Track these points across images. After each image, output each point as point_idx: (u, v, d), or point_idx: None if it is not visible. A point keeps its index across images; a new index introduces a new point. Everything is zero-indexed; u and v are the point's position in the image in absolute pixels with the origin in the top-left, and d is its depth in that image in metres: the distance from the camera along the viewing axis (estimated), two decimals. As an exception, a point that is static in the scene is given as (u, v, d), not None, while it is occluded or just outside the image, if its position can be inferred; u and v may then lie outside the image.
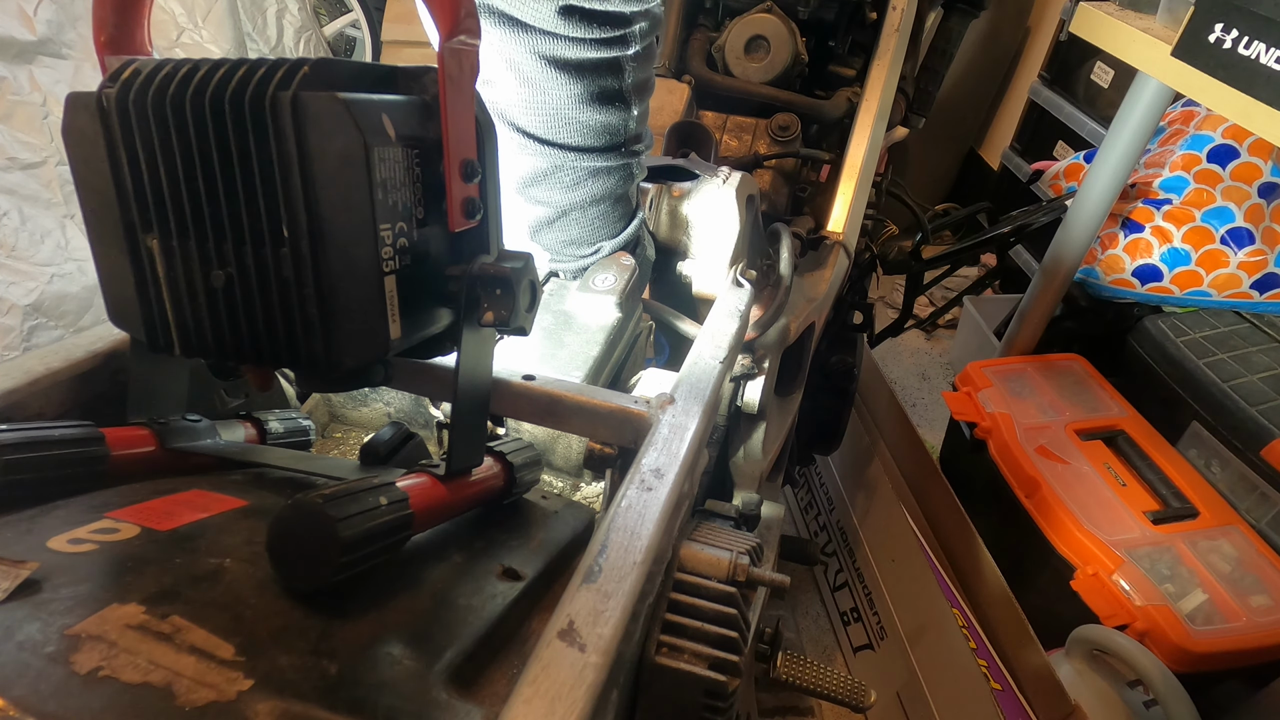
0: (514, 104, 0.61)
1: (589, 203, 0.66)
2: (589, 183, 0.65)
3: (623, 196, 0.68)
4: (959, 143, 2.95)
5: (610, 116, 0.62)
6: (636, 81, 0.63)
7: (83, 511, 0.35)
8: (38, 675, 0.25)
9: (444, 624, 0.34)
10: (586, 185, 0.65)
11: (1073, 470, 1.33)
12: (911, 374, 2.34)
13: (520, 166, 0.65)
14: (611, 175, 0.65)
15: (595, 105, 0.61)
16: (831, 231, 1.00)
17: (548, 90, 0.59)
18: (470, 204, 0.38)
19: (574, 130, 0.61)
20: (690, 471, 0.42)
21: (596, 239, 0.69)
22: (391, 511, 0.33)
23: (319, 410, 0.64)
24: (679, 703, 0.37)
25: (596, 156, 0.63)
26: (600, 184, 0.65)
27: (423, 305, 0.37)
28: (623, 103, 0.62)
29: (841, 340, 1.16)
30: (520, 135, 0.62)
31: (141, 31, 0.37)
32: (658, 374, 0.62)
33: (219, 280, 0.33)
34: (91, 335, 0.46)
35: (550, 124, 0.61)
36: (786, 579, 0.42)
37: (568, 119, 0.61)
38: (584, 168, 0.64)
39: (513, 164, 0.65)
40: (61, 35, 1.51)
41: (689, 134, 0.94)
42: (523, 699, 0.27)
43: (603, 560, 0.33)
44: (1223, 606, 1.11)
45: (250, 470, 0.45)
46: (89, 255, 0.35)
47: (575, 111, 0.60)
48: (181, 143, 0.32)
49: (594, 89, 0.60)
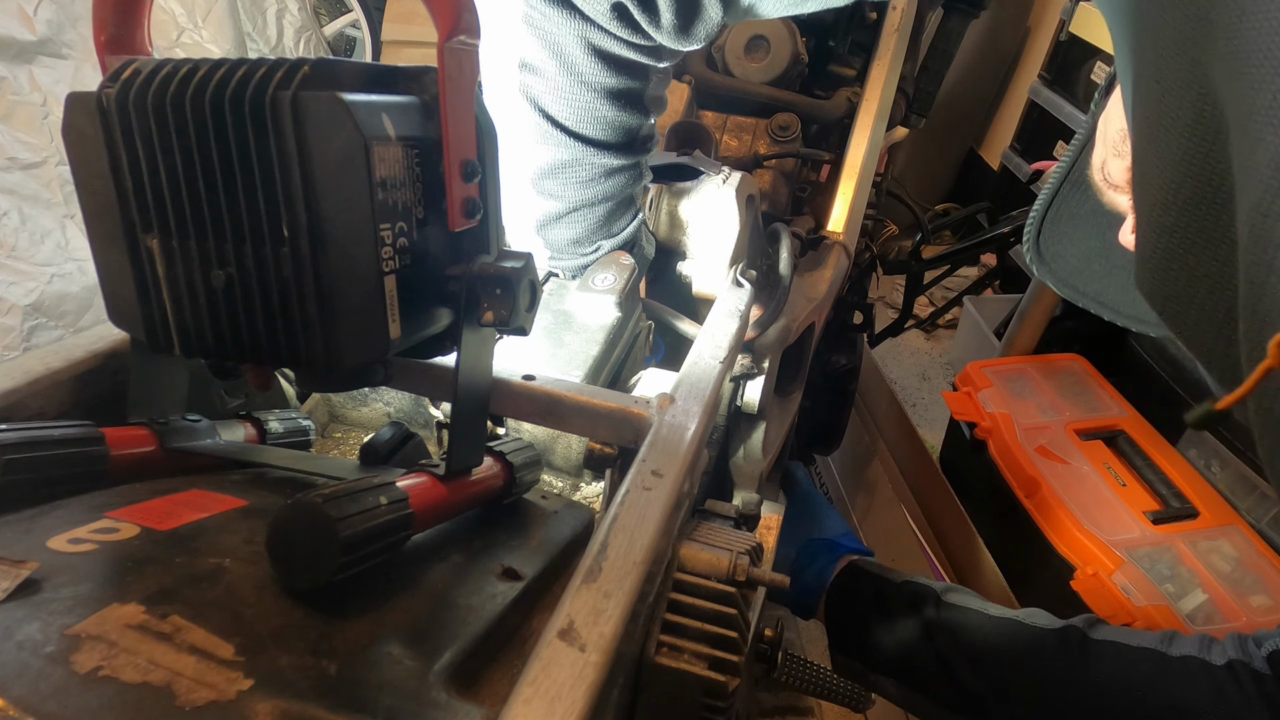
0: (549, 90, 0.64)
1: (599, 200, 0.69)
2: (603, 181, 0.68)
3: (629, 199, 0.71)
4: (959, 143, 2.95)
5: (630, 118, 0.66)
6: (653, 94, 0.68)
7: (83, 511, 0.35)
8: (38, 675, 0.25)
9: (444, 624, 0.34)
10: (600, 183, 0.68)
11: (1073, 470, 1.33)
12: (911, 374, 2.34)
13: (539, 157, 0.68)
14: (623, 175, 0.69)
15: (621, 104, 0.65)
16: (831, 231, 1.00)
17: (587, 78, 0.63)
18: (470, 204, 0.38)
19: (599, 124, 0.65)
20: (690, 471, 0.42)
21: (598, 237, 0.71)
22: (391, 511, 0.33)
23: (319, 410, 0.64)
24: (679, 702, 0.37)
25: (613, 154, 0.67)
26: (612, 183, 0.69)
27: (423, 305, 0.37)
28: (642, 109, 0.67)
29: (841, 340, 1.16)
30: (548, 123, 0.66)
31: (141, 31, 0.37)
32: (658, 374, 0.62)
33: (219, 280, 0.33)
34: (91, 335, 0.46)
35: (580, 115, 0.65)
36: (786, 579, 0.42)
37: (595, 112, 0.64)
38: (600, 164, 0.67)
39: (532, 155, 0.68)
40: (61, 35, 1.51)
41: (689, 134, 0.94)
42: (523, 699, 0.27)
43: (603, 560, 0.33)
44: (1223, 606, 1.11)
45: (250, 470, 0.45)
46: (89, 255, 0.35)
47: (604, 106, 0.64)
48: (181, 143, 0.32)
49: (623, 88, 0.64)
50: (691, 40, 0.61)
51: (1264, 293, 0.26)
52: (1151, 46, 0.33)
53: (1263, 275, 0.26)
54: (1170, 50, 0.31)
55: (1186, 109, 0.31)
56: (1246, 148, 0.27)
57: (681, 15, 0.58)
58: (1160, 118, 0.32)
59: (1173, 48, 0.31)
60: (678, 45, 0.62)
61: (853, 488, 1.65)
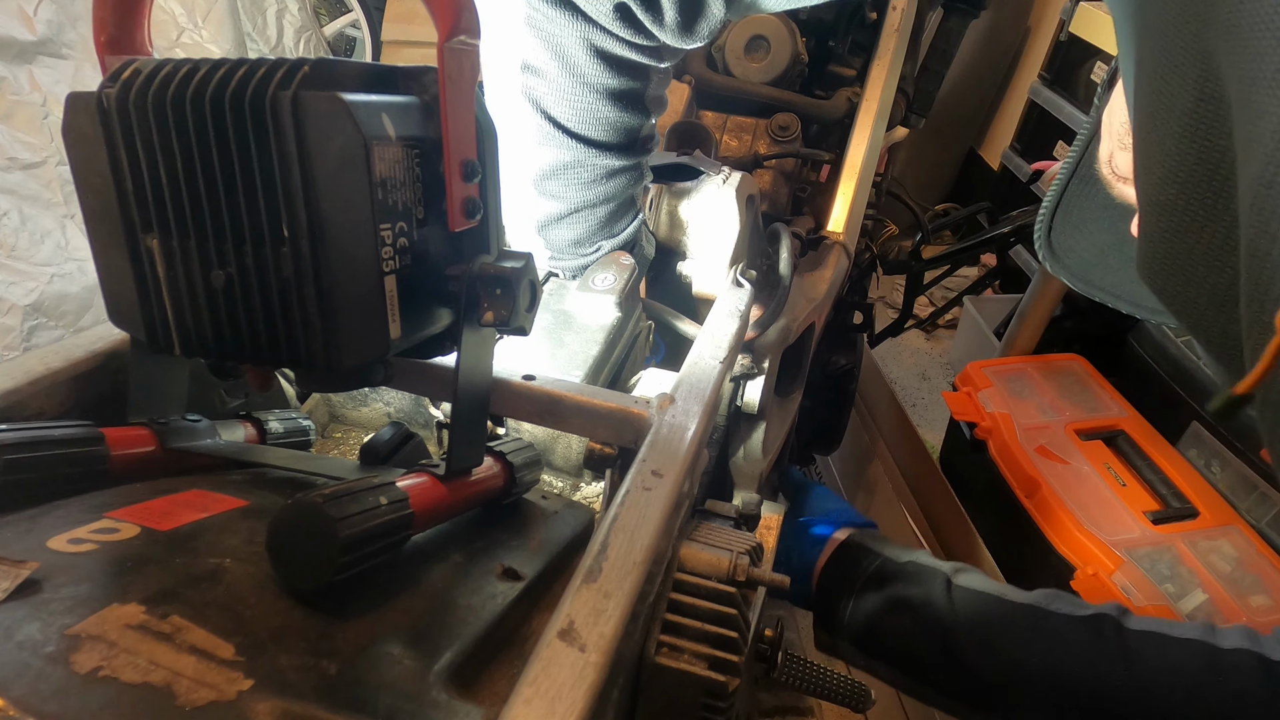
0: (551, 92, 0.64)
1: (600, 201, 0.69)
2: (604, 182, 0.68)
3: (629, 199, 0.71)
4: (959, 143, 2.95)
5: (632, 119, 0.66)
6: (654, 95, 0.68)
7: (83, 511, 0.35)
8: (38, 675, 0.25)
9: (444, 624, 0.34)
10: (601, 185, 0.68)
11: (1073, 470, 1.33)
12: (911, 374, 2.34)
13: (541, 159, 0.68)
14: (625, 176, 0.69)
15: (622, 105, 0.65)
16: (831, 231, 1.00)
17: (589, 79, 0.63)
18: (470, 204, 0.38)
19: (601, 126, 0.65)
20: (690, 471, 0.42)
21: (599, 238, 0.71)
22: (391, 511, 0.33)
23: (319, 410, 0.64)
24: (679, 702, 0.37)
25: (614, 155, 0.67)
26: (614, 184, 0.69)
27: (423, 305, 0.37)
28: (643, 110, 0.67)
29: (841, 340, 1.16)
30: (550, 125, 0.66)
31: (141, 31, 0.37)
32: (658, 374, 0.62)
33: (219, 280, 0.33)
34: (91, 335, 0.46)
35: (581, 116, 0.65)
36: (786, 579, 0.42)
37: (597, 114, 0.65)
38: (602, 165, 0.67)
39: (533, 156, 0.68)
40: (61, 35, 1.51)
41: (689, 134, 0.94)
42: (523, 699, 0.27)
43: (603, 560, 0.33)
44: (1223, 606, 1.11)
45: (250, 470, 0.45)
46: (89, 255, 0.35)
47: (606, 108, 0.64)
48: (182, 142, 0.32)
49: (625, 89, 0.64)
50: (695, 38, 0.61)
51: (1266, 265, 0.26)
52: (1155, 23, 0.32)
53: (1265, 247, 0.25)
54: (1172, 25, 0.31)
55: (1188, 85, 0.30)
56: (1249, 120, 0.27)
57: (685, 13, 0.58)
58: (1161, 95, 0.32)
59: (1175, 22, 0.31)
60: (681, 44, 0.62)
61: (853, 488, 1.64)
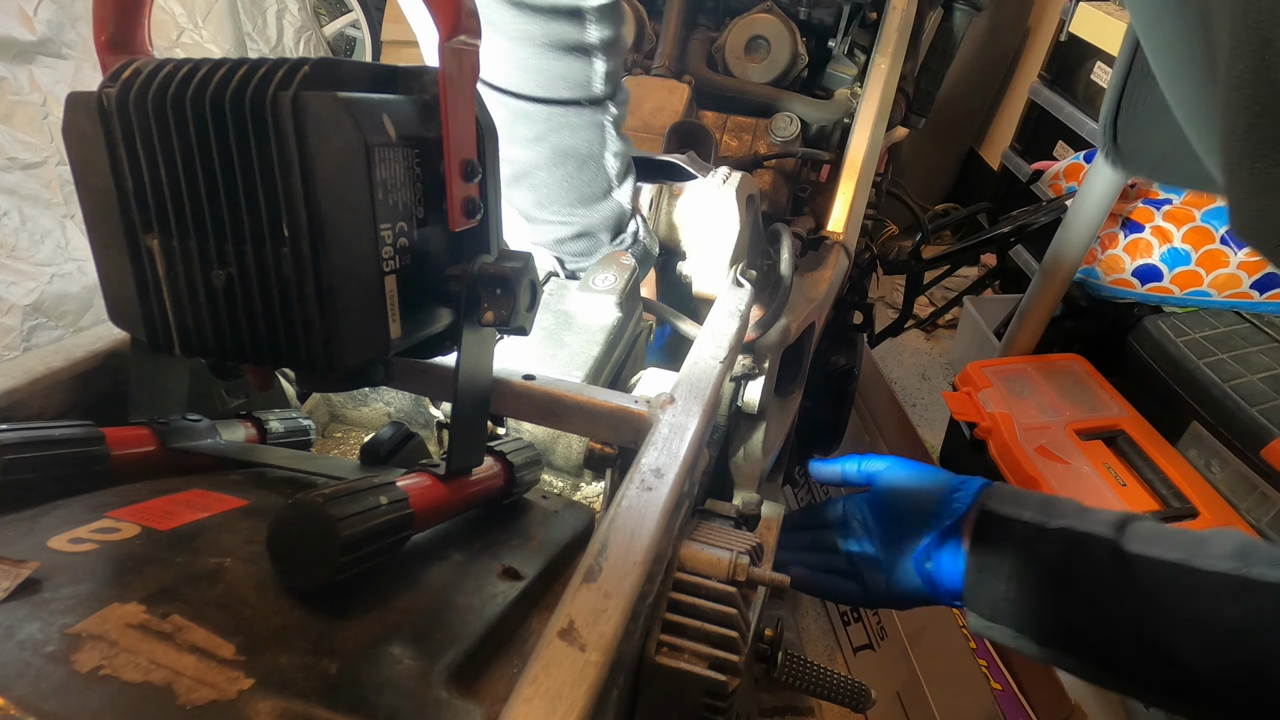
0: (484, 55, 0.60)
1: (552, 161, 0.64)
2: (550, 138, 0.63)
3: (590, 158, 0.66)
4: (959, 143, 2.95)
5: (570, 68, 0.61)
6: (602, 36, 0.61)
7: (83, 511, 0.35)
8: (38, 675, 0.25)
9: (444, 623, 0.34)
10: (547, 140, 0.63)
11: (1073, 470, 1.33)
12: (911, 374, 2.34)
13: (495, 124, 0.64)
14: (575, 132, 0.64)
15: (554, 53, 0.60)
16: (831, 231, 1.00)
17: (506, 32, 0.58)
18: (470, 204, 0.38)
19: (532, 78, 0.61)
20: (690, 471, 0.42)
21: (567, 202, 0.67)
22: (391, 511, 0.33)
23: (319, 410, 0.64)
24: (679, 702, 0.37)
25: (557, 109, 0.62)
26: (562, 139, 0.64)
27: (423, 305, 0.37)
28: (584, 54, 0.61)
29: (841, 340, 1.16)
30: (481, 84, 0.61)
31: (141, 31, 0.37)
32: (658, 374, 0.62)
33: (219, 280, 0.33)
34: (91, 335, 0.46)
35: (510, 70, 0.60)
36: (786, 579, 0.42)
37: (525, 65, 0.60)
38: (543, 120, 0.62)
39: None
40: (61, 35, 1.51)
41: (689, 134, 0.94)
42: (523, 698, 0.27)
43: (603, 560, 0.33)
44: (1223, 606, 1.11)
45: (250, 470, 0.45)
46: (89, 255, 0.35)
47: (534, 58, 0.60)
48: (182, 142, 0.32)
49: (552, 35, 0.59)
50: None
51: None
52: None
53: None
54: None
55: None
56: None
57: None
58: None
59: None
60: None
61: (853, 488, 1.64)
